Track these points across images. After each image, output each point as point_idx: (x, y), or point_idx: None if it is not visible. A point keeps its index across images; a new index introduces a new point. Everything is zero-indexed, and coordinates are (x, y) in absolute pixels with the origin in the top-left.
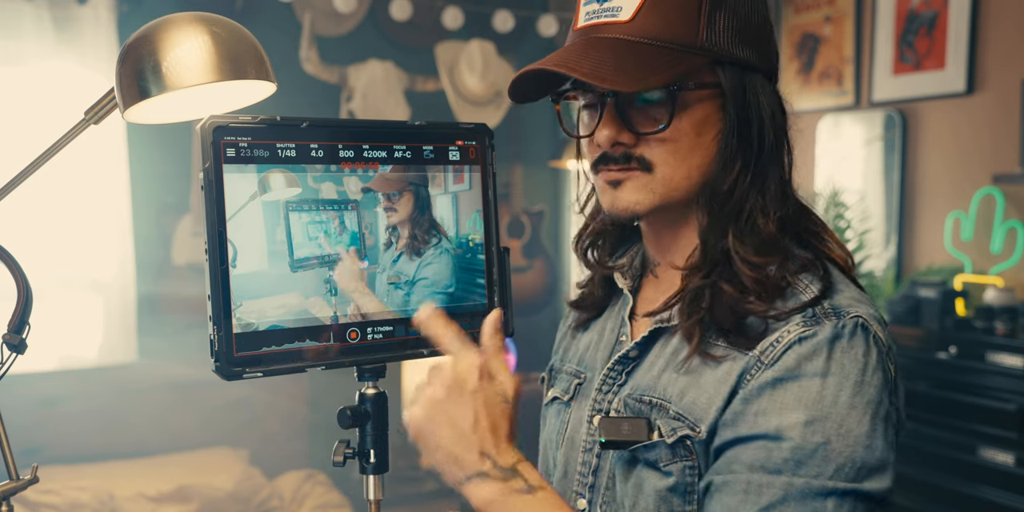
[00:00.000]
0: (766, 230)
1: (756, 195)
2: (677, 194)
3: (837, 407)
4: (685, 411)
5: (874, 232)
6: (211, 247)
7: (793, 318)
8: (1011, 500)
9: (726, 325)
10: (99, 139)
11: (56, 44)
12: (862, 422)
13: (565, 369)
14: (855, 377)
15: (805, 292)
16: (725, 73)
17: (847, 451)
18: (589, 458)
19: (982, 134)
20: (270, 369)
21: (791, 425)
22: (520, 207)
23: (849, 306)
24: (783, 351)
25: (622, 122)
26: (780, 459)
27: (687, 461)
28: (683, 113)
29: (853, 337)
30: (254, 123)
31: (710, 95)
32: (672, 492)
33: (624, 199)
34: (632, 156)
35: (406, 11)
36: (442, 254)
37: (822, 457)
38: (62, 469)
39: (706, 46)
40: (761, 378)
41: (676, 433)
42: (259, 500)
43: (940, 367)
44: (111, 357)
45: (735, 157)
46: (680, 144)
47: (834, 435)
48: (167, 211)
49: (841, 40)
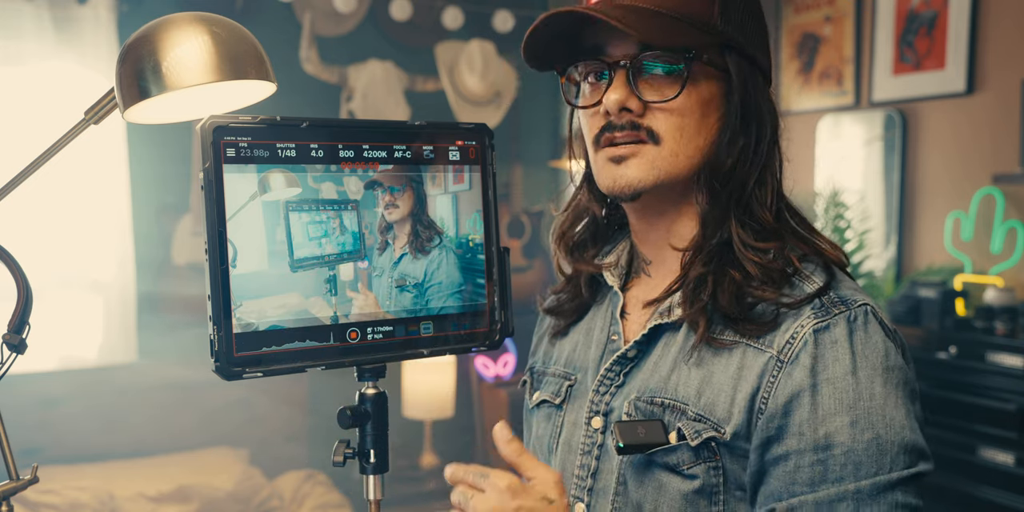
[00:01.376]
0: (764, 217)
1: (754, 184)
2: (679, 173)
3: (875, 399)
4: (706, 412)
5: (874, 232)
6: (211, 247)
7: (803, 310)
8: (1011, 500)
9: (732, 313)
10: (99, 139)
11: (56, 44)
12: (899, 406)
13: (551, 371)
14: (881, 365)
15: (809, 281)
16: (733, 59)
17: (897, 438)
18: (588, 461)
19: (982, 134)
20: (270, 369)
21: (838, 429)
22: (520, 207)
23: (854, 295)
24: (801, 347)
25: (632, 89)
26: (838, 466)
27: (711, 462)
28: (692, 87)
29: (868, 326)
30: (254, 123)
31: (717, 77)
32: (699, 494)
33: (627, 176)
34: (639, 125)
35: (406, 11)
36: (448, 252)
37: (877, 451)
38: (62, 469)
39: (720, 28)
40: (790, 384)
41: (701, 435)
42: (259, 500)
43: (940, 367)
44: (111, 357)
45: (737, 137)
46: (687, 120)
47: (881, 427)
48: (167, 211)
49: (841, 40)
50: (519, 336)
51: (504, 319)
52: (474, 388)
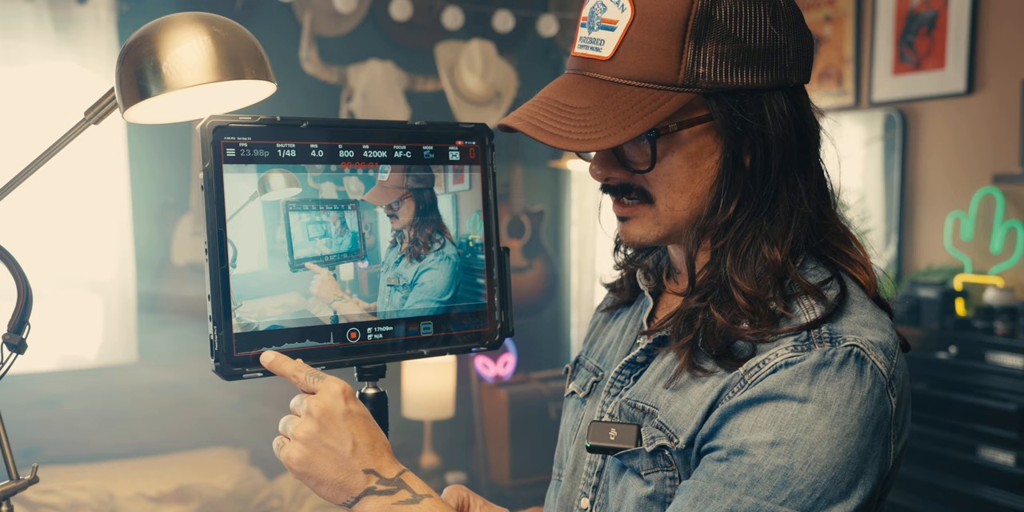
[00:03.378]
0: (771, 257)
1: (762, 221)
2: (681, 223)
3: (810, 434)
4: (668, 421)
5: (874, 232)
6: (211, 247)
7: (784, 341)
8: (1011, 500)
9: (715, 351)
10: (99, 139)
11: (56, 44)
12: (834, 453)
13: (587, 364)
14: (836, 408)
15: (804, 315)
16: (717, 105)
17: (809, 479)
18: (595, 458)
19: (982, 134)
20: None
21: (757, 443)
22: (520, 207)
23: (851, 332)
24: (769, 372)
25: (615, 159)
26: (737, 474)
27: (667, 471)
28: (675, 151)
29: (843, 367)
30: (254, 123)
31: (704, 128)
32: (651, 500)
33: (632, 233)
34: (632, 187)
35: (406, 11)
36: (443, 260)
37: (781, 480)
38: (62, 469)
39: (691, 81)
40: (742, 395)
41: (655, 442)
42: (259, 500)
43: (940, 367)
44: (111, 357)
45: (733, 191)
46: (675, 177)
47: (799, 462)
48: (167, 211)
49: (841, 40)
50: (519, 336)
51: (504, 319)
52: (474, 388)
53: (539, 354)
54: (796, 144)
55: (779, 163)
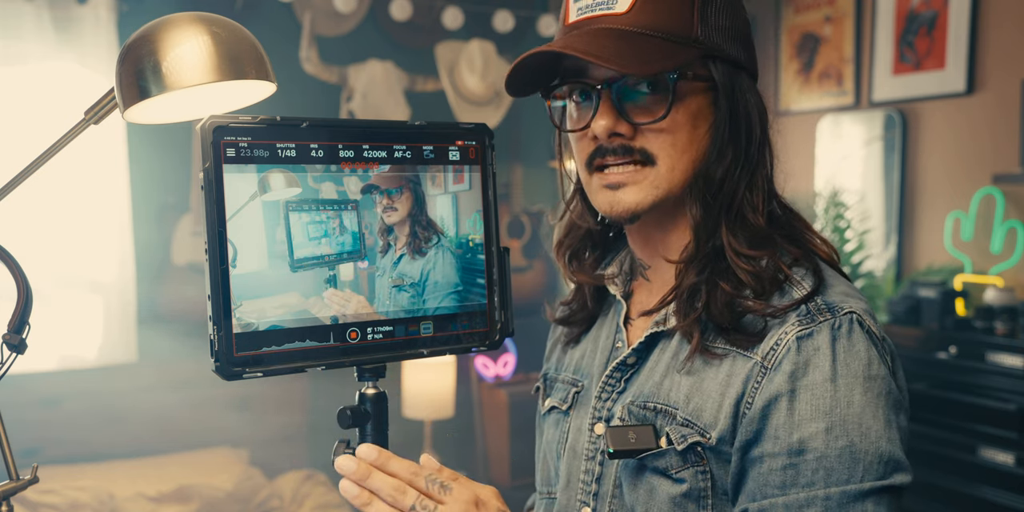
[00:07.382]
0: (756, 223)
1: (745, 189)
2: (676, 188)
3: (852, 407)
4: (693, 417)
5: (874, 232)
6: (211, 247)
7: (789, 316)
8: (1011, 500)
9: (724, 323)
10: (99, 139)
11: (56, 44)
12: (878, 416)
13: (561, 378)
14: (862, 374)
15: (799, 287)
16: (717, 67)
17: (872, 448)
18: (592, 466)
19: (982, 134)
20: (270, 369)
21: (812, 435)
22: (520, 207)
23: (842, 302)
24: (784, 354)
25: (619, 112)
26: (809, 472)
27: (698, 466)
28: (679, 104)
29: (851, 334)
30: (254, 123)
31: (703, 88)
32: (687, 498)
33: (624, 201)
34: (632, 148)
35: (406, 11)
36: (444, 253)
37: (850, 460)
38: (62, 469)
39: (700, 39)
40: (771, 389)
41: (687, 440)
42: (259, 500)
43: (940, 367)
44: (111, 357)
45: (727, 147)
46: (678, 136)
47: (856, 436)
48: (167, 211)
49: (841, 40)
50: (519, 336)
51: (504, 319)
52: (474, 388)
53: (539, 354)
54: (765, 125)
55: (759, 135)
